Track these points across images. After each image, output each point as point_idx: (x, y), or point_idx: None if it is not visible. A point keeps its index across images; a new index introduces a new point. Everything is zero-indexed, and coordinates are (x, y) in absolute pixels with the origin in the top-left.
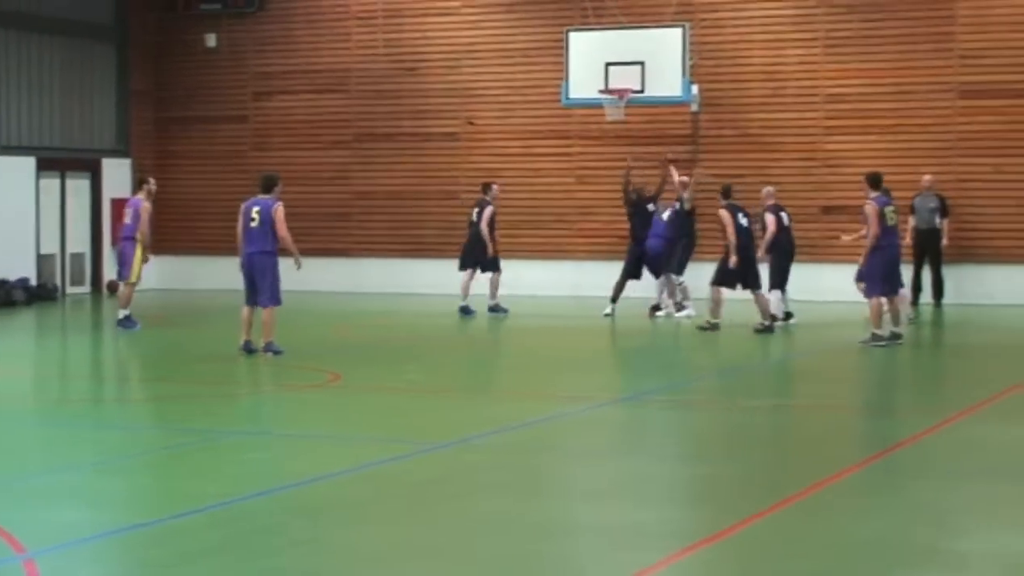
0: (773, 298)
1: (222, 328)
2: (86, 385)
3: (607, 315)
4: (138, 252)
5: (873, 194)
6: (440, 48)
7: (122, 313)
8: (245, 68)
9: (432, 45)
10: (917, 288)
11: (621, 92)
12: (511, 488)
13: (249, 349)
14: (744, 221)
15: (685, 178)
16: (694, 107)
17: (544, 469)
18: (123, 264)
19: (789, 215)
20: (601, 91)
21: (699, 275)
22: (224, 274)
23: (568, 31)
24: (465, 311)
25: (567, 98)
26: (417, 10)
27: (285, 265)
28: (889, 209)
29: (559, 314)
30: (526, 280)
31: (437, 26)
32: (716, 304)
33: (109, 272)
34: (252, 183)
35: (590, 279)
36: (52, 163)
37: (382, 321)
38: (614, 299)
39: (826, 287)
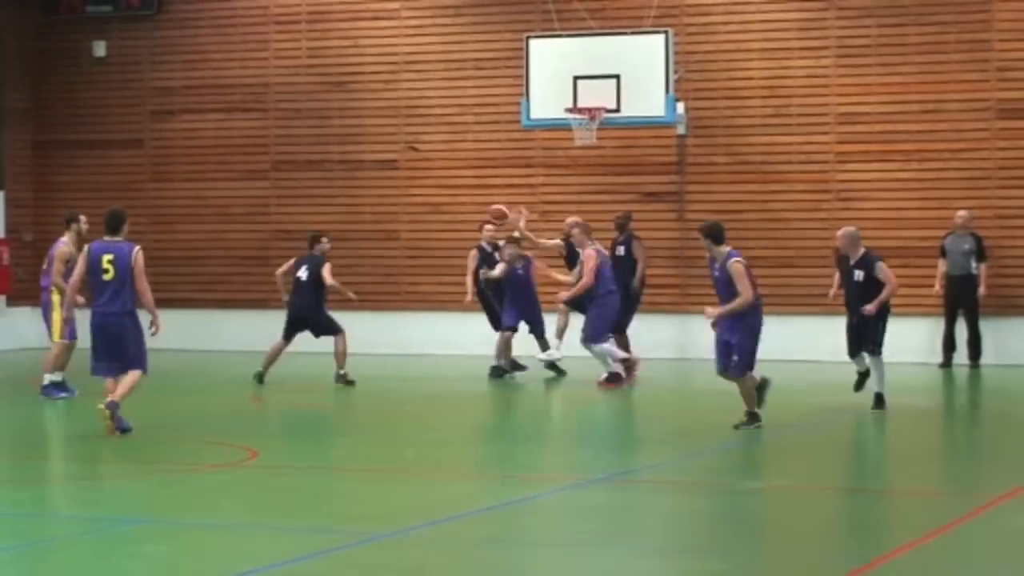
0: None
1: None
2: None
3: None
4: (55, 304)
5: (724, 249)
6: (375, 59)
7: (47, 378)
8: (141, 82)
9: (366, 55)
10: (950, 345)
11: (592, 112)
12: None
13: (122, 427)
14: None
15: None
16: (680, 129)
17: (502, 566)
18: (45, 320)
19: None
20: (569, 110)
21: None
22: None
23: (528, 38)
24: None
25: (528, 119)
26: (348, 13)
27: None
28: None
29: (516, 376)
30: (478, 337)
31: (372, 32)
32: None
33: None
34: (151, 219)
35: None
36: None
37: (304, 385)
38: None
39: (840, 344)
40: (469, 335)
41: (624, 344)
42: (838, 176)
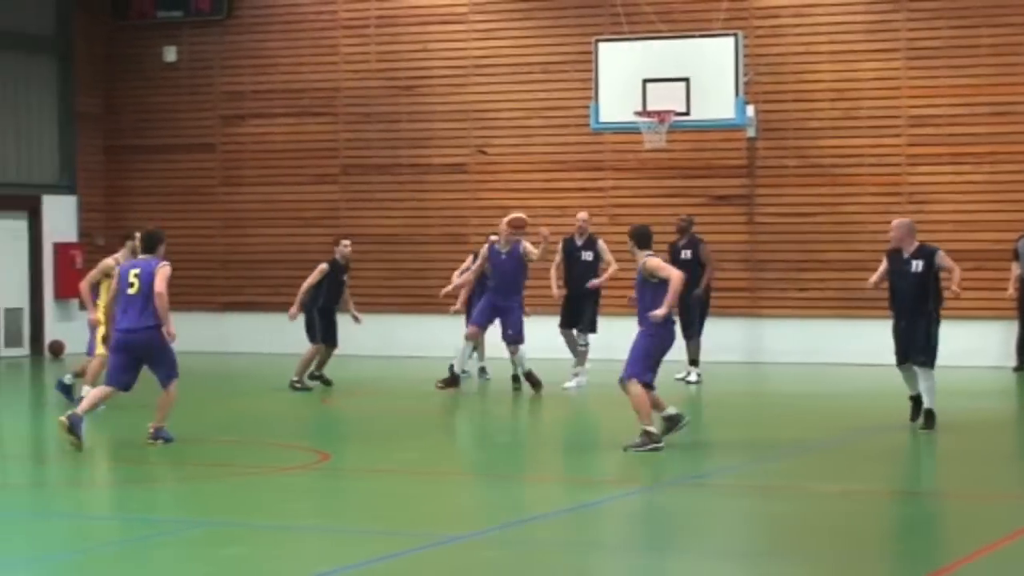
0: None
1: (187, 399)
2: (22, 466)
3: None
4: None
5: (645, 253)
6: (445, 63)
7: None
8: (212, 87)
9: (435, 59)
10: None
11: (662, 115)
12: None
13: (77, 429)
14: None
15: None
16: (750, 132)
17: (575, 569)
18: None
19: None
20: (638, 113)
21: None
22: (188, 333)
23: (598, 42)
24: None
25: (597, 122)
26: (417, 18)
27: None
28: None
29: (589, 381)
30: (549, 340)
31: (441, 37)
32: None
33: (52, 331)
34: (222, 223)
35: (621, 339)
36: None
37: (376, 388)
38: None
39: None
40: (538, 338)
41: (695, 351)
42: (909, 179)
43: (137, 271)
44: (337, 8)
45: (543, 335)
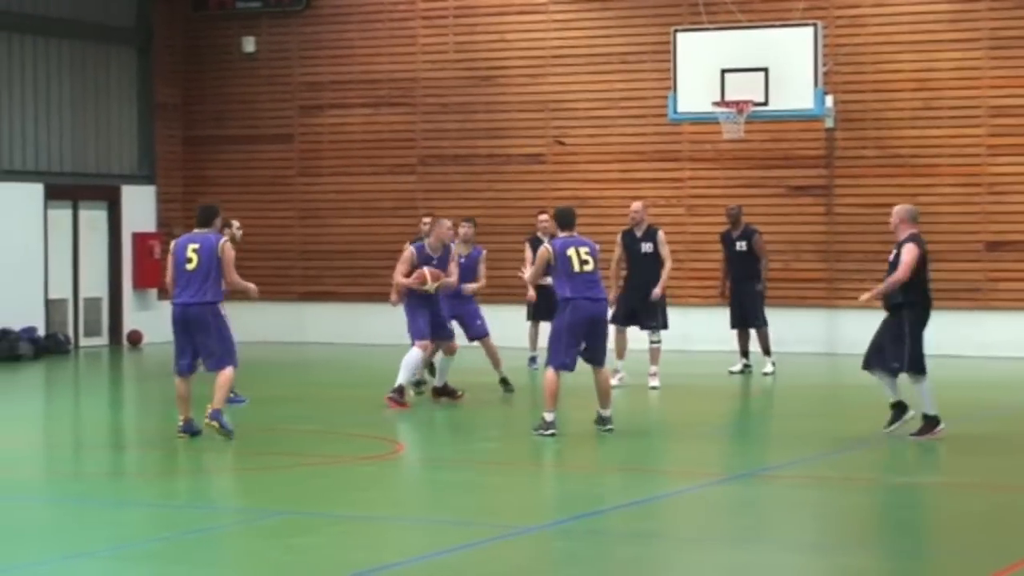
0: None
1: (265, 388)
2: (102, 455)
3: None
4: None
5: (562, 235)
6: (522, 54)
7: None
8: (290, 77)
9: (512, 50)
10: None
11: (740, 105)
12: None
13: (192, 430)
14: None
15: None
16: (829, 122)
17: (651, 560)
18: None
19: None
20: (716, 104)
21: None
22: (267, 323)
23: (676, 32)
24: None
25: (675, 112)
26: (495, 8)
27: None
28: (583, 250)
29: (663, 372)
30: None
31: (518, 27)
32: None
33: (131, 320)
34: (300, 213)
35: (701, 330)
36: (63, 191)
37: (454, 379)
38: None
39: (991, 339)
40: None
41: (765, 340)
42: (989, 169)
43: (196, 246)
44: None
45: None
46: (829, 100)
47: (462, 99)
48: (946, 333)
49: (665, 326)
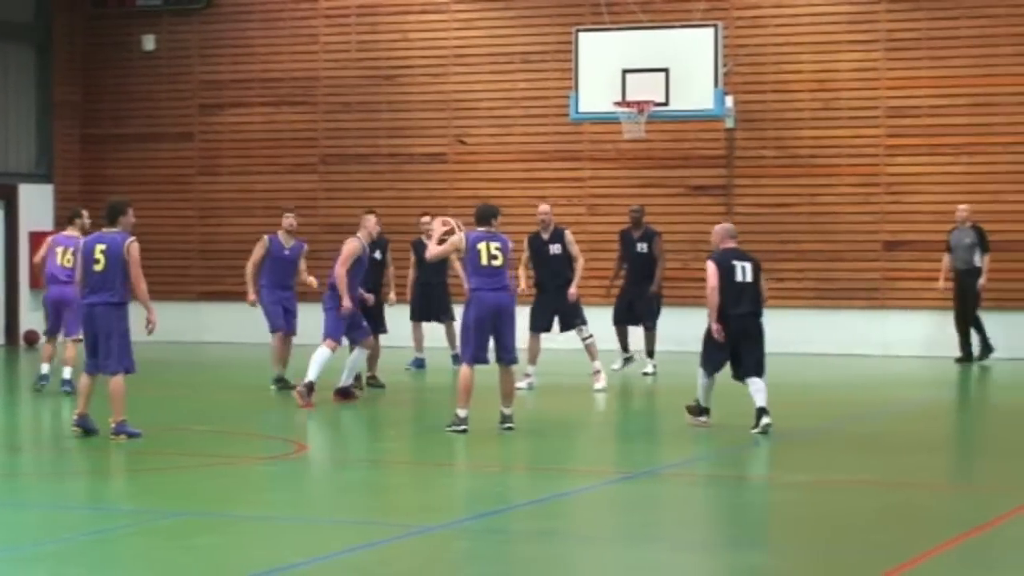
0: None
1: (164, 388)
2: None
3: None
4: None
5: (479, 229)
6: (424, 52)
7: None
8: (190, 76)
9: (415, 49)
10: (966, 338)
11: (641, 105)
12: None
13: (86, 426)
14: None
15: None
16: (729, 123)
17: (551, 559)
18: None
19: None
20: (617, 103)
21: None
22: (165, 323)
23: (578, 31)
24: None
25: (577, 112)
26: (397, 7)
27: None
28: (493, 245)
29: (564, 371)
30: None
31: (421, 27)
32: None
33: (27, 320)
34: (199, 213)
35: (601, 329)
36: None
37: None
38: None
39: (889, 338)
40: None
41: (652, 343)
42: (887, 169)
43: (103, 247)
44: None
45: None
46: (729, 100)
47: (364, 98)
48: (845, 332)
49: (585, 321)
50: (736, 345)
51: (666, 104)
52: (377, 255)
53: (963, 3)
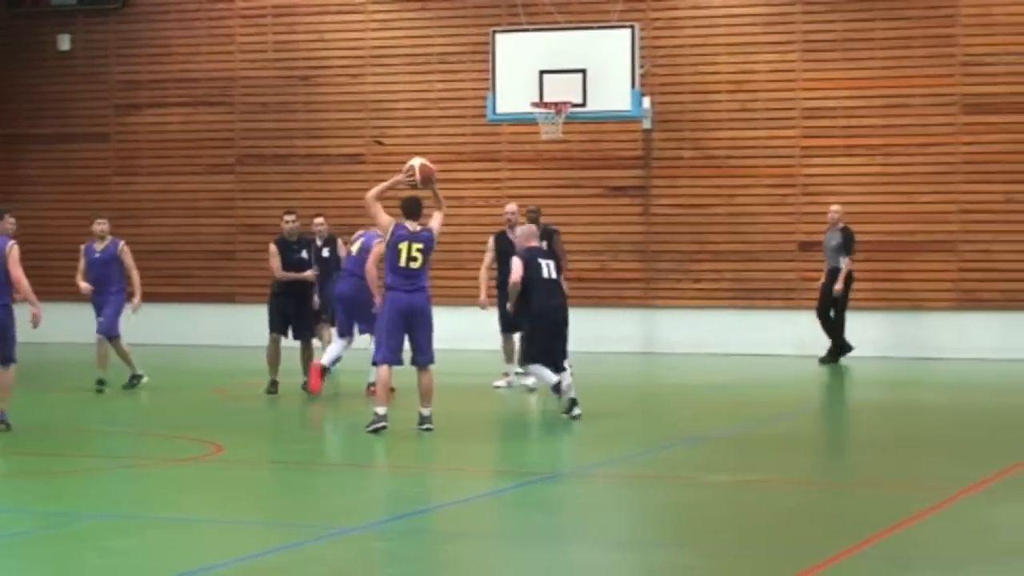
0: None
1: (73, 390)
2: None
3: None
4: None
5: (407, 223)
6: (341, 53)
7: None
8: (106, 76)
9: (332, 49)
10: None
11: (558, 106)
12: None
13: (3, 420)
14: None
15: None
16: (646, 124)
17: (468, 560)
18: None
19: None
20: (534, 104)
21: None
22: (81, 325)
23: (495, 32)
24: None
25: (494, 113)
26: (314, 7)
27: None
28: (415, 246)
29: (482, 371)
30: (442, 331)
31: (337, 27)
32: None
33: None
34: (116, 213)
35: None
36: None
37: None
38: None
39: (806, 338)
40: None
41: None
42: (803, 171)
43: None
44: None
45: None
46: (646, 101)
47: (281, 98)
48: (761, 332)
49: None
50: (553, 336)
51: (583, 105)
52: (325, 253)
53: (878, 5)
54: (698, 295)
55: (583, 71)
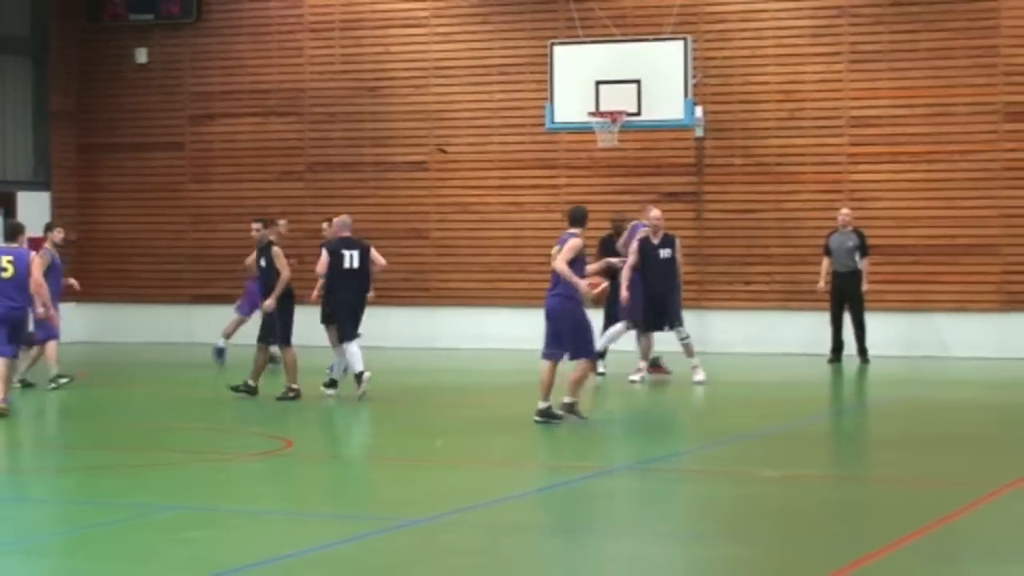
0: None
1: (156, 388)
2: (1, 454)
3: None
4: None
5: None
6: (406, 65)
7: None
8: (181, 87)
9: (396, 61)
10: (838, 342)
11: (614, 115)
12: (489, 575)
13: (9, 403)
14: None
15: None
16: (698, 132)
17: (529, 552)
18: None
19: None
20: (591, 114)
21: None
22: (158, 325)
23: (553, 45)
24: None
25: (552, 122)
26: (379, 21)
27: None
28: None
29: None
30: (503, 331)
31: (402, 40)
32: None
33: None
34: (191, 219)
35: None
36: None
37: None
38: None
39: (850, 337)
40: (496, 329)
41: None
42: (850, 177)
43: (11, 258)
44: (303, 12)
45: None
46: (698, 111)
47: (348, 109)
48: (810, 332)
49: (682, 324)
50: (353, 315)
51: (638, 114)
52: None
53: (922, 17)
54: (749, 297)
55: (638, 81)
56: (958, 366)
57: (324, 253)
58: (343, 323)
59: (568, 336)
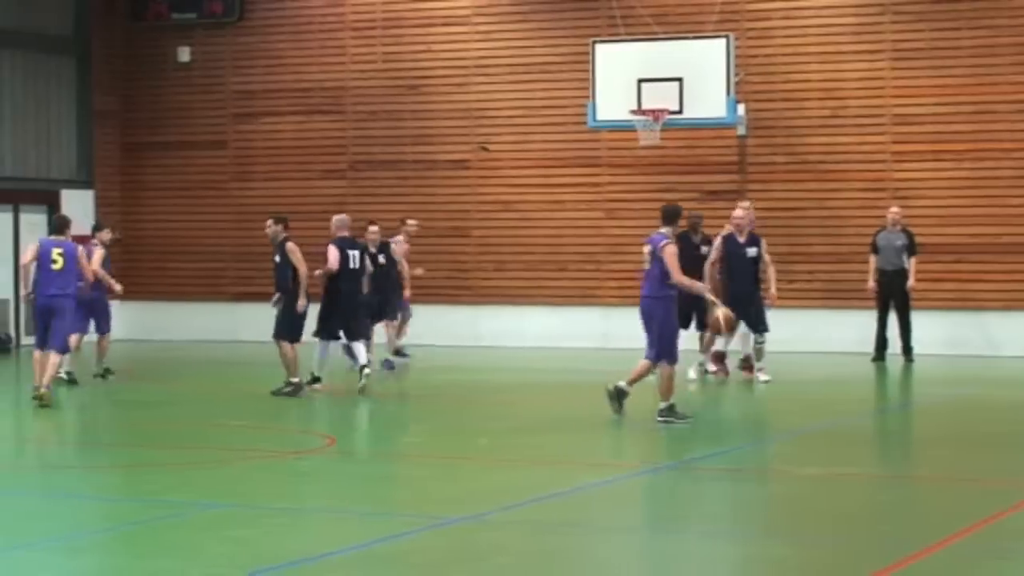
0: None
1: (199, 385)
2: (45, 450)
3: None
4: None
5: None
6: (447, 63)
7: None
8: (223, 86)
9: (438, 60)
10: (883, 340)
11: (656, 113)
12: (531, 574)
13: (49, 391)
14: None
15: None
16: (740, 130)
17: (570, 550)
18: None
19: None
20: (633, 112)
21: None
22: (201, 323)
23: (594, 43)
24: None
25: (594, 120)
26: (421, 20)
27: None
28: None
29: (584, 369)
30: (545, 330)
31: (444, 38)
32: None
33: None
34: (234, 217)
35: (620, 328)
36: (4, 195)
37: (382, 376)
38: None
39: (894, 335)
40: (536, 327)
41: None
42: (893, 175)
43: (60, 250)
44: (344, 10)
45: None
46: (741, 108)
47: (390, 107)
48: (854, 331)
49: (767, 328)
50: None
51: (680, 112)
52: (381, 259)
53: (965, 14)
54: (792, 295)
55: (680, 79)
56: (1005, 365)
57: (334, 249)
58: (349, 321)
59: (653, 337)
